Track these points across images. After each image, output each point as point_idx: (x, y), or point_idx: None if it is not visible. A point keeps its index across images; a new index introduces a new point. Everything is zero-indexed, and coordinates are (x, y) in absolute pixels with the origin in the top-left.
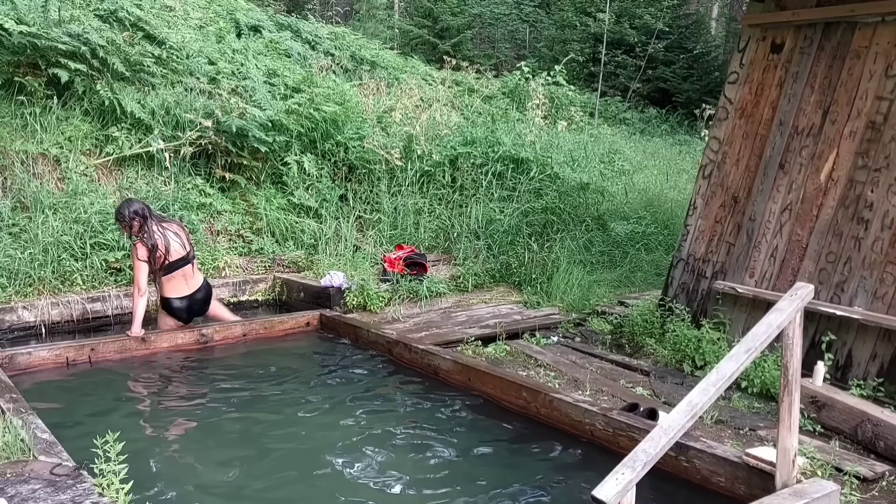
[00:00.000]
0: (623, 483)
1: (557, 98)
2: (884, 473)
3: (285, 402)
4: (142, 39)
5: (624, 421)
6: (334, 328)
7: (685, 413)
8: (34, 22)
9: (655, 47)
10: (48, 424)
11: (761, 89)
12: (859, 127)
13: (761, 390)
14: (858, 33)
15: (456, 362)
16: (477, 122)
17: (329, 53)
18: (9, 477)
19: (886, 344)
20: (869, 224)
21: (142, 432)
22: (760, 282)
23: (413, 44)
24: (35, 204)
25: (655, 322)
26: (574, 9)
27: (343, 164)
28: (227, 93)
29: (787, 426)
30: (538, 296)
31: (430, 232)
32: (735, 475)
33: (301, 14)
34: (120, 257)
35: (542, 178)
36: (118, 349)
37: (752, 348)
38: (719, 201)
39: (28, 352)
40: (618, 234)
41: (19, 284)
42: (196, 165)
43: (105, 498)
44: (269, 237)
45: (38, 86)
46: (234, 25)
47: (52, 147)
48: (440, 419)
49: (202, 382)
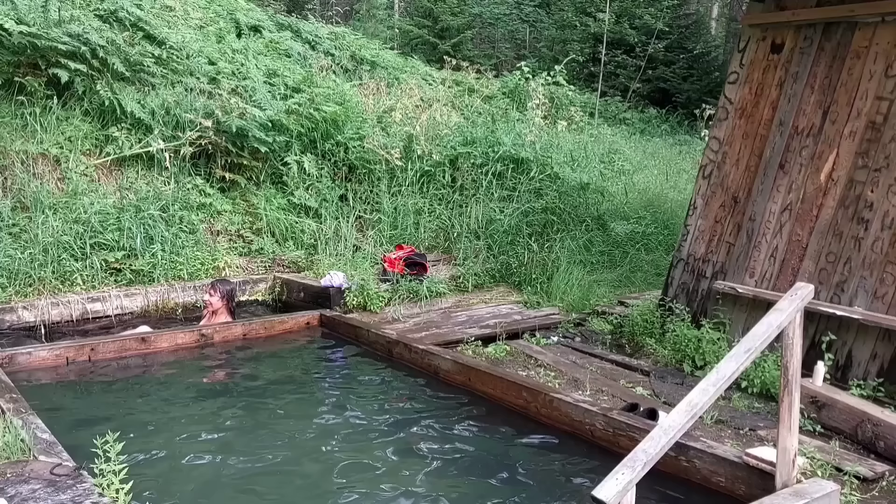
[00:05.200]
0: (623, 483)
1: (557, 98)
2: (884, 473)
3: (285, 401)
4: (142, 39)
5: (624, 421)
6: (334, 328)
7: (685, 413)
8: (34, 22)
9: (655, 47)
10: (48, 424)
11: (761, 89)
12: (859, 127)
13: (761, 390)
14: (858, 33)
15: (456, 362)
16: (477, 122)
17: (329, 53)
18: (9, 477)
19: (886, 344)
20: (869, 224)
21: (142, 432)
22: (760, 282)
23: (413, 44)
24: (35, 204)
25: (655, 322)
26: (574, 9)
27: (343, 164)
28: (227, 93)
29: (787, 426)
30: (538, 296)
31: (430, 232)
32: (735, 475)
33: (301, 14)
34: (120, 257)
35: (542, 178)
36: (118, 349)
37: (752, 348)
38: (719, 201)
39: (28, 352)
40: (618, 234)
41: (19, 284)
42: (196, 165)
43: (105, 498)
44: (269, 237)
45: (38, 86)
46: (234, 25)
47: (52, 147)
48: (440, 419)
49: (202, 382)
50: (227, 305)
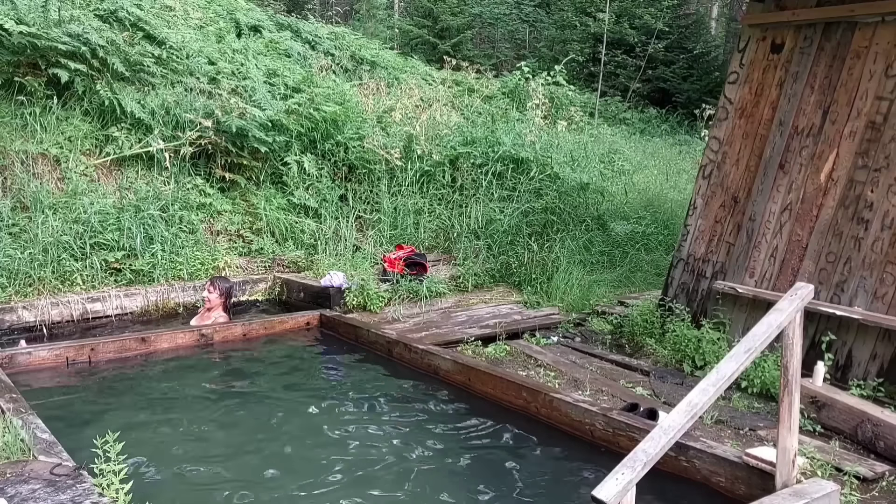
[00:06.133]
0: (623, 483)
1: (557, 98)
2: (884, 473)
3: (285, 402)
4: (142, 39)
5: (624, 421)
6: (334, 328)
7: (685, 413)
8: (34, 22)
9: (655, 47)
10: (48, 424)
11: (761, 89)
12: (859, 127)
13: (761, 390)
14: (858, 33)
15: (456, 362)
16: (477, 122)
17: (329, 53)
18: (9, 477)
19: (886, 344)
20: (869, 224)
21: (142, 432)
22: (760, 282)
23: (413, 44)
24: (35, 204)
25: (655, 322)
26: (574, 9)
27: (343, 164)
28: (227, 93)
29: (787, 426)
30: (538, 296)
31: (430, 232)
32: (735, 475)
33: (301, 14)
34: (119, 257)
35: (542, 178)
36: (118, 349)
37: (752, 348)
38: (719, 201)
39: (28, 352)
40: (618, 234)
41: (19, 284)
42: (196, 165)
43: (105, 498)
44: (269, 237)
45: (38, 86)
46: (234, 25)
47: (52, 147)
48: (440, 419)
49: (202, 382)
50: (224, 303)
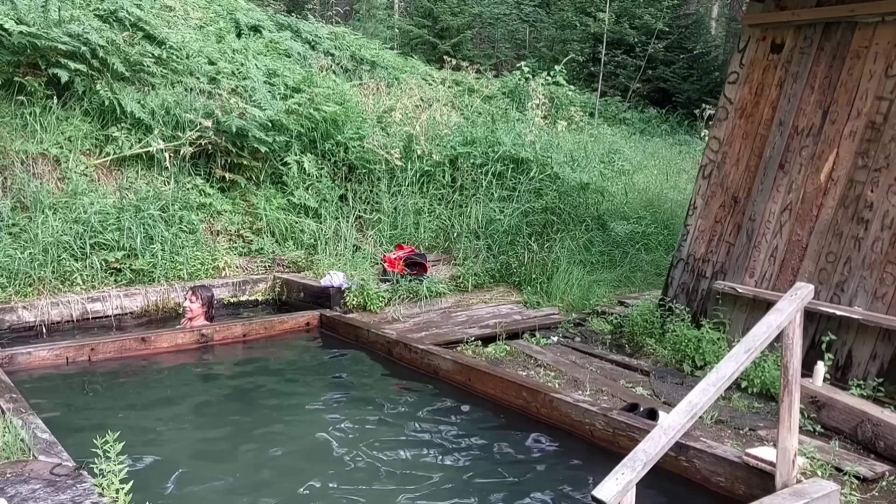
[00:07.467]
0: (623, 483)
1: (557, 98)
2: (884, 473)
3: (285, 402)
4: (142, 39)
5: (624, 421)
6: (334, 328)
7: (685, 413)
8: (34, 22)
9: (655, 47)
10: (48, 424)
11: (761, 89)
12: (859, 127)
13: (761, 390)
14: (858, 33)
15: (456, 362)
16: (477, 122)
17: (329, 53)
18: (9, 477)
19: (886, 344)
20: (869, 224)
21: (141, 432)
22: (760, 282)
23: (413, 44)
24: (35, 204)
25: (655, 322)
26: (574, 9)
27: (343, 164)
28: (227, 93)
29: (787, 426)
30: (538, 296)
31: (430, 232)
32: (735, 475)
33: (301, 14)
34: (119, 257)
35: (542, 178)
36: (118, 349)
37: (751, 348)
38: (719, 201)
39: (28, 352)
40: (618, 234)
41: (19, 284)
42: (196, 165)
43: (105, 498)
44: (269, 237)
45: (38, 86)
46: (234, 25)
47: (52, 147)
48: (440, 419)
49: (202, 382)
50: (206, 312)
